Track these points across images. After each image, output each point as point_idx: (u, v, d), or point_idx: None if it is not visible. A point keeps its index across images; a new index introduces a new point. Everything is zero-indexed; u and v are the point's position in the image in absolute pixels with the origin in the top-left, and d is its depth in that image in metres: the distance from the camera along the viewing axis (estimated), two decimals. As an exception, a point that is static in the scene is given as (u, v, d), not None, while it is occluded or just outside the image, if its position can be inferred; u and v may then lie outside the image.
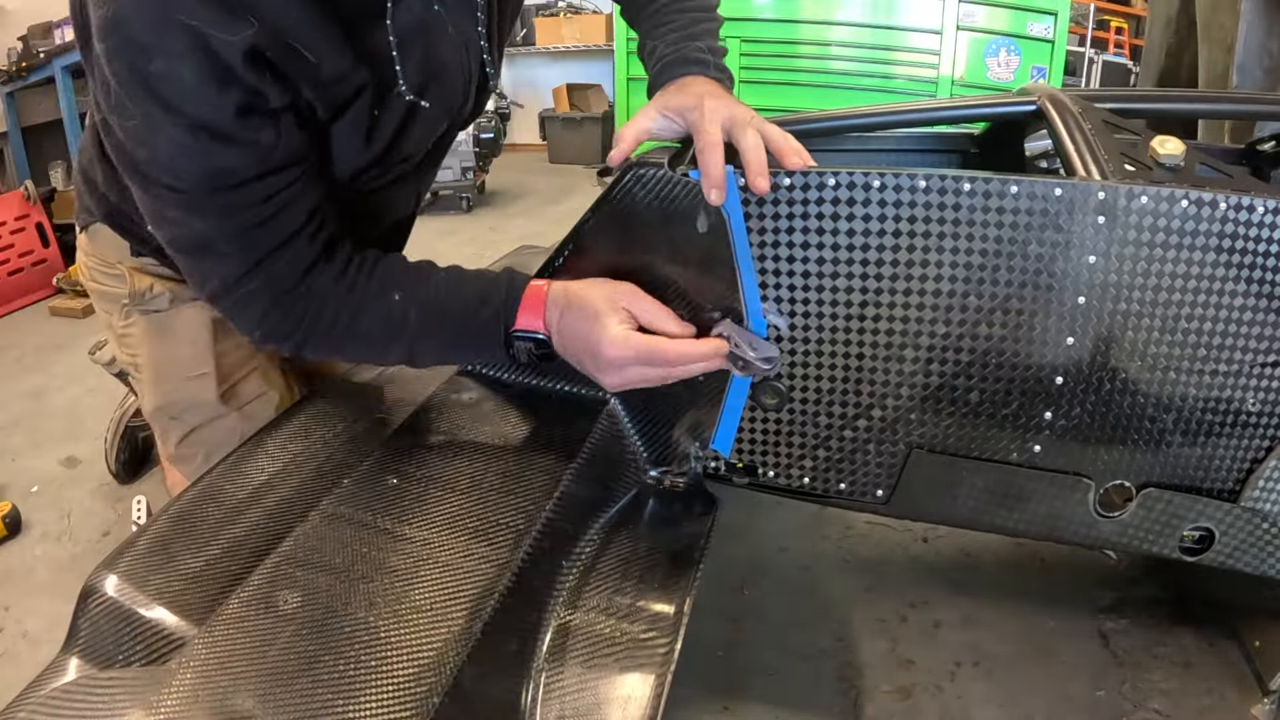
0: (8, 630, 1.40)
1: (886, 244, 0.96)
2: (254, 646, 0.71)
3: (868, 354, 1.00)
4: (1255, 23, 1.98)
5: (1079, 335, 0.95)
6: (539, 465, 1.00)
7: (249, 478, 1.01)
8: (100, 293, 1.22)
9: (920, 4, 3.70)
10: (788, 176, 0.95)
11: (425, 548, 0.84)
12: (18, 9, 3.70)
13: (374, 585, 0.79)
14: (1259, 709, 1.14)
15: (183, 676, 0.68)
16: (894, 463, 1.04)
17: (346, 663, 0.70)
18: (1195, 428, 0.97)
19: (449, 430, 1.06)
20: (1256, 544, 1.01)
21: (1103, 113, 1.07)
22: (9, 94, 3.60)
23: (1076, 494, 1.00)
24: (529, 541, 0.86)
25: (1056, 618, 1.34)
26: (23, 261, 3.23)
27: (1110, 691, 1.20)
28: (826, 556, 1.51)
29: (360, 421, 1.16)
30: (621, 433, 1.11)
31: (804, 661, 1.28)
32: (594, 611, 0.87)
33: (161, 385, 1.18)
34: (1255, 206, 0.89)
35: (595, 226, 1.06)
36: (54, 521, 1.71)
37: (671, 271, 1.03)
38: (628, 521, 1.01)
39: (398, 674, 0.69)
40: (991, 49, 3.69)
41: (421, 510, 0.90)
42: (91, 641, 0.79)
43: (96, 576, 0.83)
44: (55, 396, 2.32)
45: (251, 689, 0.67)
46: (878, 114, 1.29)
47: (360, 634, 0.73)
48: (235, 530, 0.91)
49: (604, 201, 1.05)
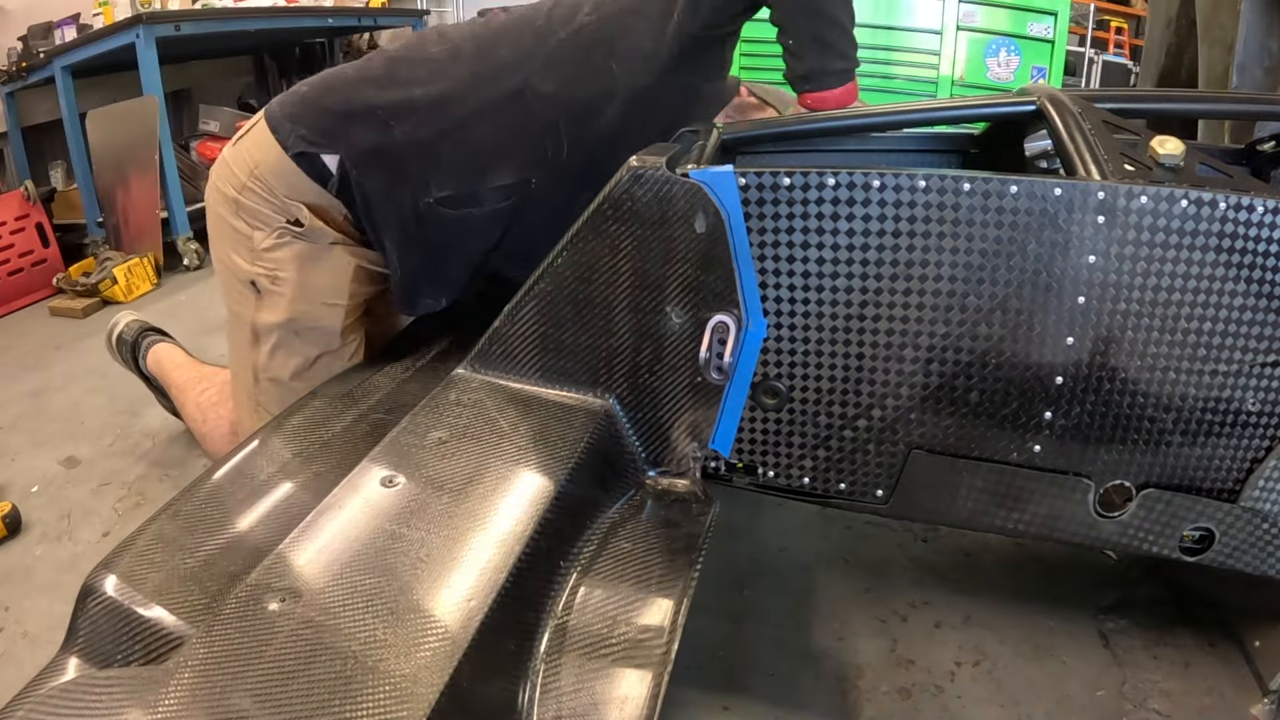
0: (8, 630, 1.40)
1: (886, 244, 0.96)
2: (252, 646, 0.71)
3: (867, 354, 1.00)
4: (1255, 23, 1.98)
5: (1078, 335, 0.95)
6: (537, 465, 1.00)
7: (247, 477, 1.01)
8: (248, 209, 1.31)
9: (920, 4, 3.69)
10: (788, 177, 0.95)
11: (423, 547, 0.84)
12: (18, 9, 3.70)
13: (371, 584, 0.79)
14: (1259, 709, 1.14)
15: (180, 676, 0.68)
16: (894, 463, 1.04)
17: (344, 662, 0.70)
18: (1195, 428, 0.97)
19: (447, 431, 1.06)
20: (1256, 544, 1.00)
21: (1103, 113, 1.07)
22: (9, 94, 3.60)
23: (1076, 494, 1.00)
24: (526, 541, 0.86)
25: (1056, 618, 1.34)
26: (23, 261, 3.23)
27: (1110, 691, 1.20)
28: (826, 556, 1.51)
29: (359, 422, 1.16)
30: (620, 433, 1.11)
31: (804, 661, 1.27)
32: (591, 612, 0.87)
33: (299, 303, 1.33)
34: (1255, 206, 0.89)
35: (594, 226, 1.06)
36: (54, 521, 1.71)
37: (670, 272, 1.03)
38: (626, 521, 1.01)
39: (395, 674, 0.69)
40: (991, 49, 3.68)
41: (420, 510, 0.90)
42: (90, 641, 0.80)
43: (95, 576, 0.83)
44: (55, 396, 2.32)
45: (249, 688, 0.67)
46: (878, 114, 1.29)
47: (358, 633, 0.73)
48: (233, 529, 0.92)
49: (603, 201, 1.05)
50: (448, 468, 0.98)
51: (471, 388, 1.15)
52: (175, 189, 3.27)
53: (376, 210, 1.29)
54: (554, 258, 1.09)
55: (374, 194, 1.27)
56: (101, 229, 3.53)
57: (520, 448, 1.04)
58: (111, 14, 3.42)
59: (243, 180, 1.30)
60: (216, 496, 0.97)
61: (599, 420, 1.09)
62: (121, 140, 3.34)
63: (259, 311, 1.35)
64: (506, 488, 0.96)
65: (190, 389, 1.70)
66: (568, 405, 1.12)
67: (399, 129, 1.25)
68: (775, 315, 1.02)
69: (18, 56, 3.55)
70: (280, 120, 1.28)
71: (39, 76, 3.52)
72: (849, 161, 1.40)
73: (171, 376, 1.78)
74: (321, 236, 1.31)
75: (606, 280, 1.07)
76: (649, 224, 1.02)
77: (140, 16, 3.12)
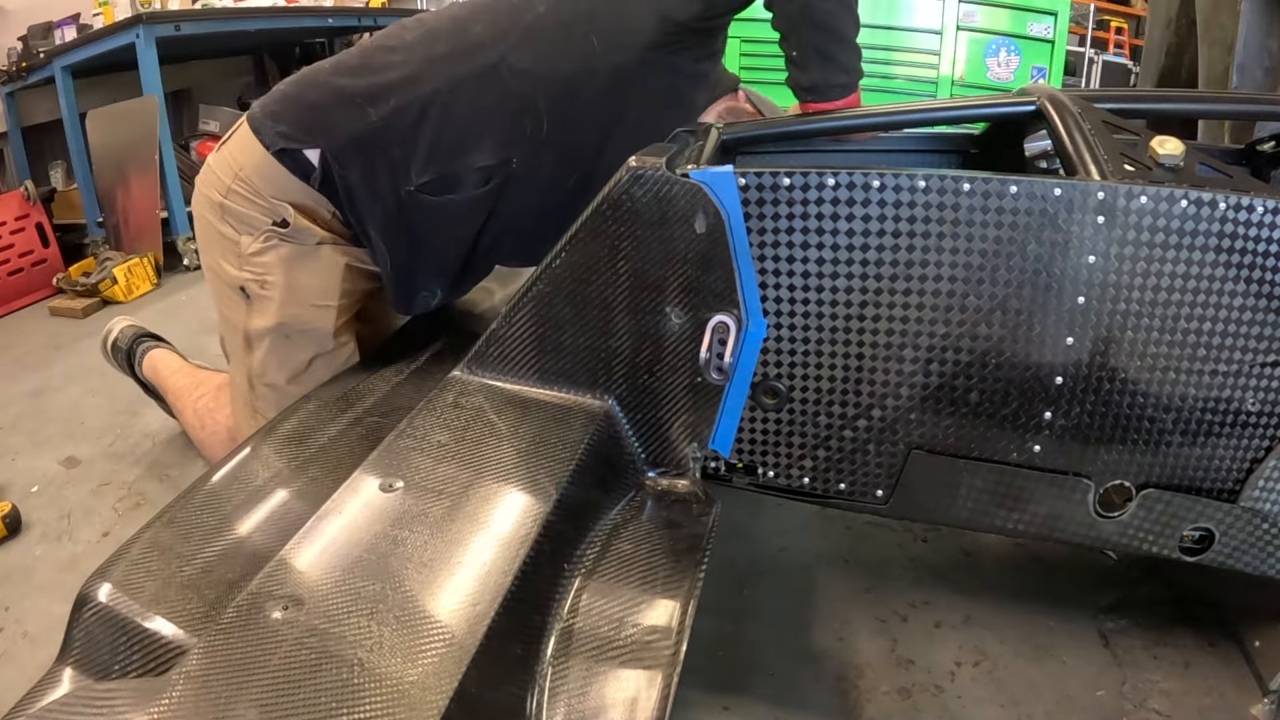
0: (8, 630, 1.40)
1: (886, 244, 0.96)
2: (255, 655, 0.70)
3: (867, 354, 1.00)
4: (1255, 23, 1.98)
5: (1078, 335, 0.95)
6: (538, 468, 1.00)
7: (243, 483, 1.00)
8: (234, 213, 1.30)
9: (920, 4, 3.69)
10: (788, 177, 0.95)
11: (425, 552, 0.83)
12: (18, 9, 3.70)
13: (375, 590, 0.78)
14: (1259, 709, 1.14)
15: (182, 686, 0.67)
16: (894, 463, 1.04)
17: (350, 670, 0.69)
18: (1195, 428, 0.97)
19: (446, 434, 1.06)
20: (1256, 544, 1.00)
21: (1103, 113, 1.07)
22: (9, 94, 3.60)
23: (1076, 494, 1.00)
24: (530, 544, 0.86)
25: (1056, 618, 1.34)
26: (23, 261, 3.23)
27: (1110, 691, 1.20)
28: (826, 556, 1.51)
29: (355, 426, 1.16)
30: (619, 434, 1.11)
31: (804, 661, 1.27)
32: (597, 615, 0.86)
33: (288, 307, 1.32)
34: (1255, 206, 0.89)
35: (593, 227, 1.06)
36: (54, 521, 1.70)
37: (670, 272, 1.03)
38: (627, 523, 1.01)
39: (403, 680, 0.68)
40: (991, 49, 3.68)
41: (421, 514, 0.90)
42: (87, 652, 0.78)
43: (90, 585, 0.82)
44: (55, 396, 2.32)
45: (253, 698, 0.66)
46: (878, 114, 1.29)
47: (363, 640, 0.72)
48: (231, 536, 0.91)
49: (602, 202, 1.05)
50: (448, 471, 0.97)
51: (469, 390, 1.15)
52: (175, 189, 3.28)
53: (360, 202, 1.28)
54: (551, 259, 1.09)
55: (356, 185, 1.26)
56: (101, 229, 3.53)
57: (520, 450, 1.03)
58: (111, 14, 3.43)
59: (227, 184, 1.29)
60: (212, 503, 0.96)
61: (599, 421, 1.09)
62: (121, 140, 3.34)
63: (250, 317, 1.35)
64: (508, 490, 0.95)
65: (187, 395, 1.69)
66: (567, 407, 1.12)
67: (376, 114, 1.24)
68: (775, 315, 1.02)
69: (18, 56, 3.55)
70: (261, 120, 1.28)
71: (39, 76, 3.52)
72: (849, 162, 1.40)
73: (168, 382, 1.77)
74: (308, 236, 1.30)
75: (606, 281, 1.07)
76: (648, 224, 1.02)
77: (140, 16, 3.12)
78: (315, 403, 1.23)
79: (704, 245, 1.00)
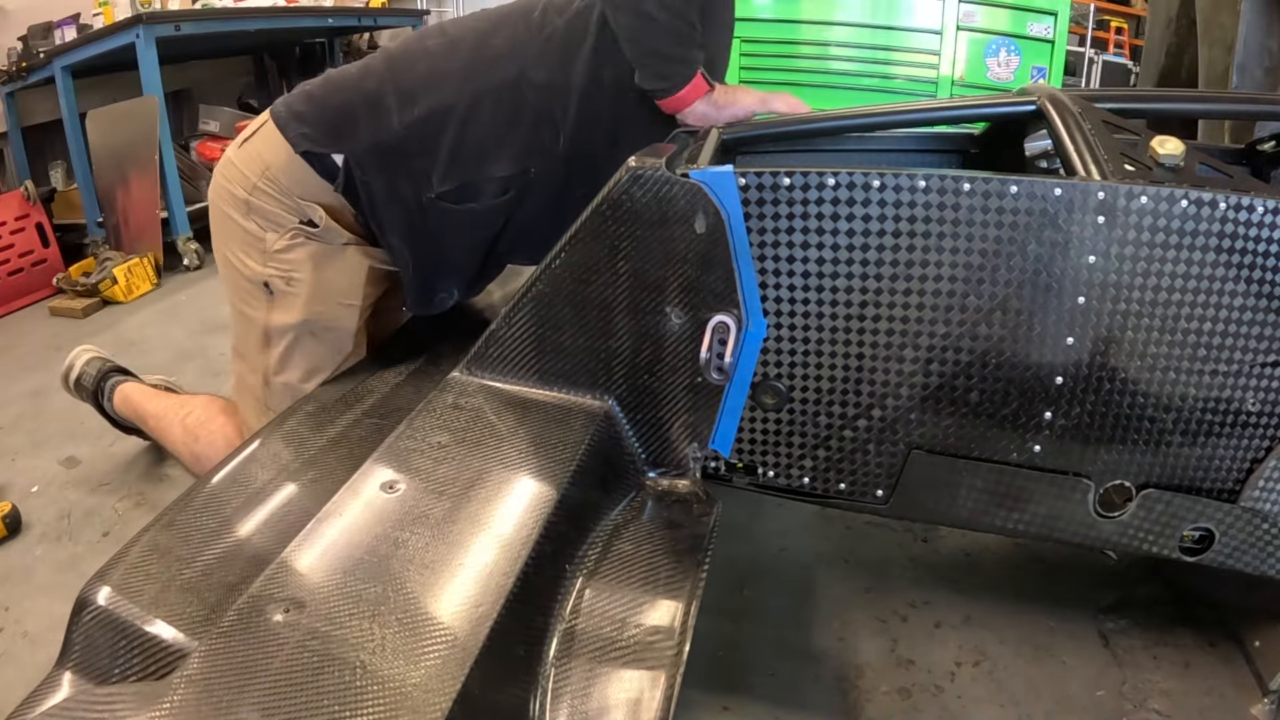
0: (8, 630, 1.40)
1: (886, 244, 0.96)
2: (257, 658, 0.70)
3: (867, 354, 1.00)
4: (1255, 23, 1.98)
5: (1079, 335, 0.95)
6: (538, 468, 1.00)
7: (242, 485, 1.00)
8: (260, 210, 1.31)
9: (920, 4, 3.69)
10: (788, 177, 0.95)
11: (427, 554, 0.83)
12: (18, 9, 3.70)
13: (377, 592, 0.78)
14: (1259, 709, 1.14)
15: (184, 690, 0.67)
16: (894, 463, 1.04)
17: (352, 672, 0.69)
18: (1195, 428, 0.97)
19: (446, 435, 1.06)
20: (1256, 544, 1.00)
21: (1103, 113, 1.07)
22: (9, 94, 3.60)
23: (1076, 494, 1.00)
24: (532, 545, 0.86)
25: (1056, 618, 1.34)
26: (23, 261, 3.22)
27: (1110, 691, 1.20)
28: (826, 556, 1.51)
29: (354, 427, 1.15)
30: (620, 434, 1.11)
31: (804, 661, 1.27)
32: (599, 615, 0.86)
33: (315, 303, 1.34)
34: (1255, 206, 0.89)
35: (593, 227, 1.06)
36: (54, 521, 1.70)
37: (670, 272, 1.03)
38: (628, 524, 1.01)
39: (405, 683, 0.68)
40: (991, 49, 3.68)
41: (423, 516, 0.90)
42: (86, 656, 0.78)
43: (89, 589, 0.82)
44: (55, 396, 2.31)
45: (255, 701, 0.66)
46: (878, 114, 1.29)
47: (366, 643, 0.72)
48: (230, 539, 0.90)
49: (602, 202, 1.05)
50: (448, 472, 0.97)
51: (469, 391, 1.15)
52: (175, 189, 3.27)
53: (381, 207, 1.29)
54: (551, 260, 1.09)
55: (378, 191, 1.28)
56: (101, 229, 3.53)
57: (521, 451, 1.03)
58: (111, 14, 3.42)
59: (254, 181, 1.30)
60: (212, 505, 0.96)
61: (599, 422, 1.09)
62: (121, 140, 3.34)
63: (272, 313, 1.35)
64: (509, 491, 0.95)
65: (172, 414, 1.63)
66: (567, 407, 1.12)
67: (399, 123, 1.26)
68: (775, 315, 1.02)
69: (18, 56, 3.54)
70: (287, 120, 1.29)
71: (39, 76, 3.52)
72: (849, 161, 1.40)
73: (148, 407, 1.71)
74: (335, 236, 1.32)
75: (605, 281, 1.07)
76: (648, 224, 1.02)
77: (140, 16, 3.12)
78: (314, 403, 1.23)
79: (704, 245, 1.00)
